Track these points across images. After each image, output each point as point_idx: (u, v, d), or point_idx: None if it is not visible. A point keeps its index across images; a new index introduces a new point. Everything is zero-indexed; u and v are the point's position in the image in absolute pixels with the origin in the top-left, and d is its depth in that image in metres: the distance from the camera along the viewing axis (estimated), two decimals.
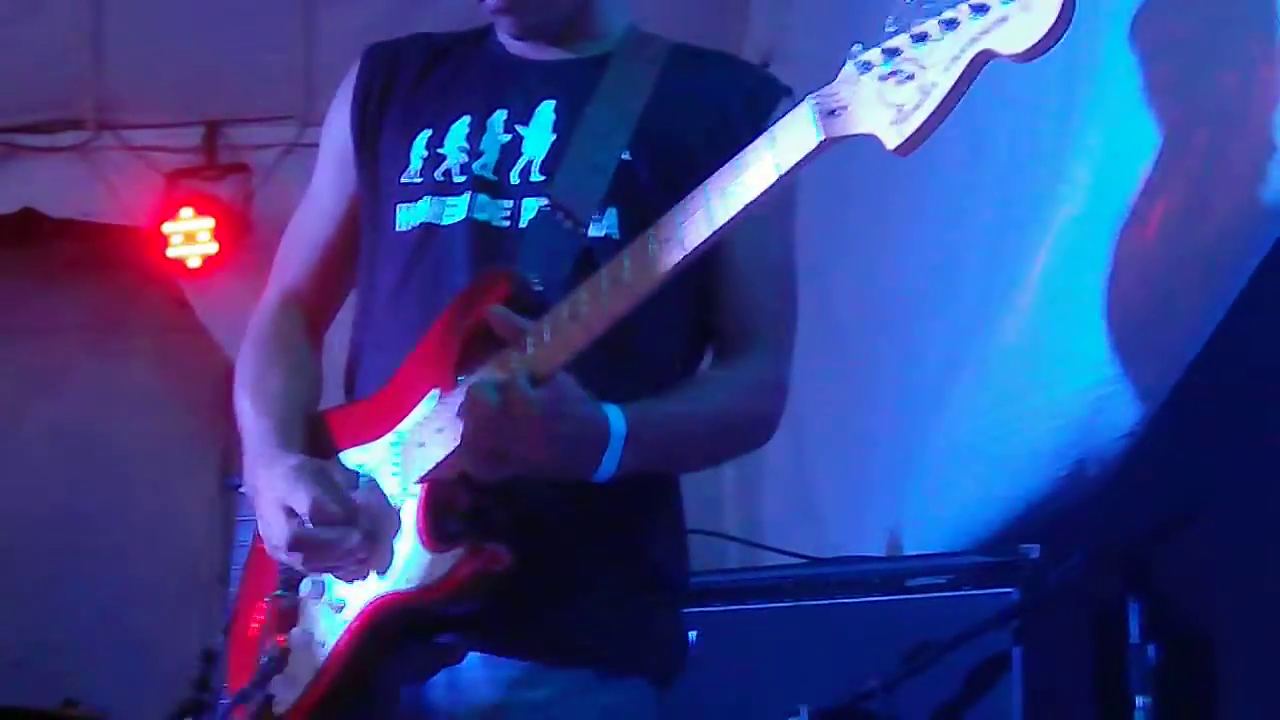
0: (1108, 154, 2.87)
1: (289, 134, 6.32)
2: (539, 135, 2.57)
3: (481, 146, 2.57)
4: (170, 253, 6.49)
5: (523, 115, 2.59)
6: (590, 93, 2.57)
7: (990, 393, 3.43)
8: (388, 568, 2.41)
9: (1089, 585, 3.21)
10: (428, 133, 2.62)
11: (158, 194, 6.49)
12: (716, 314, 2.61)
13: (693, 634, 2.64)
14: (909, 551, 3.92)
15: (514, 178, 2.55)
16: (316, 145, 6.56)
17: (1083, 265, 2.95)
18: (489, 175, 2.56)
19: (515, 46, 2.67)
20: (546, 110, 2.58)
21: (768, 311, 2.63)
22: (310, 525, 2.41)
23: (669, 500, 2.61)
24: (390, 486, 2.45)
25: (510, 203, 2.53)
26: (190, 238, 6.46)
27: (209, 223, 6.44)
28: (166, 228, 6.47)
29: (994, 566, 3.32)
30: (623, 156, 2.52)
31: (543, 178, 2.54)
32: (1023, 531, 3.39)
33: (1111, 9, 2.81)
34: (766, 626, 3.50)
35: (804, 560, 3.76)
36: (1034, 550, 3.31)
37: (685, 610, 2.63)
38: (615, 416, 2.35)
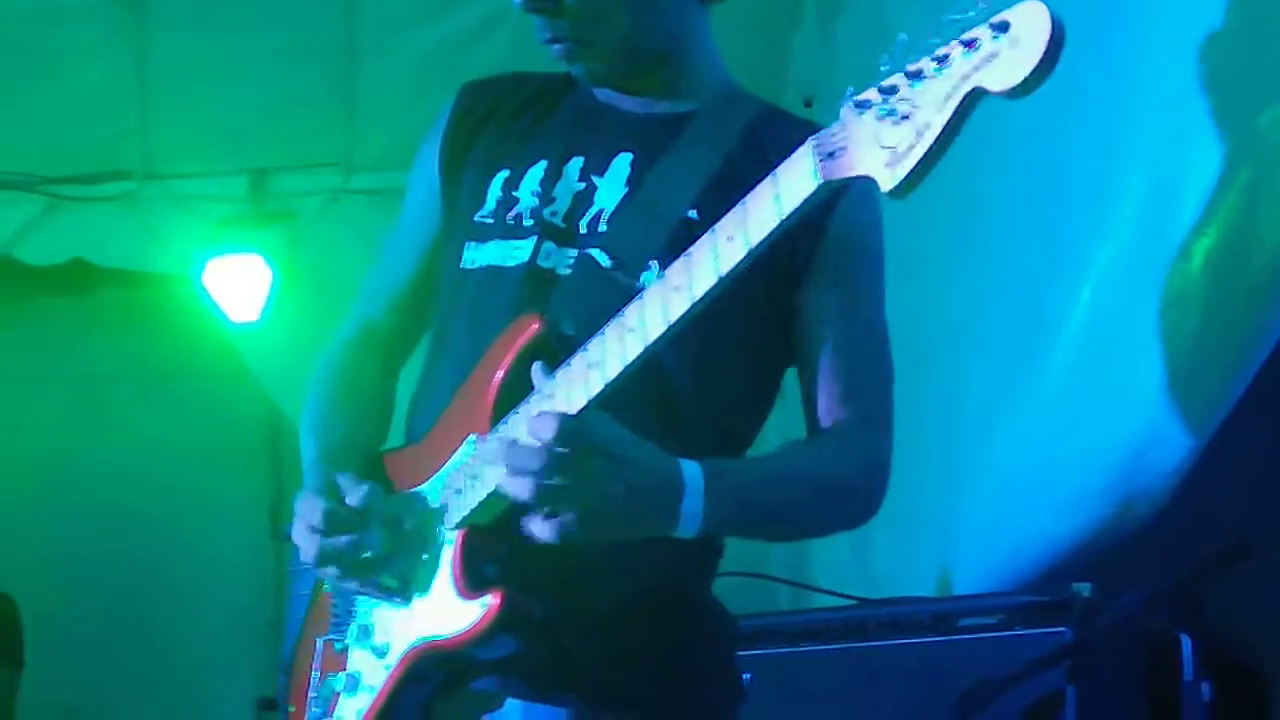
0: (1151, 190, 2.87)
1: (334, 181, 6.35)
2: (613, 187, 2.52)
3: (555, 193, 2.54)
4: (218, 300, 6.51)
5: (599, 165, 2.55)
6: (668, 149, 2.53)
7: (1037, 431, 3.43)
8: (426, 608, 2.40)
9: (1141, 623, 3.19)
10: (505, 173, 2.59)
11: (205, 242, 6.53)
12: (819, 385, 2.52)
13: (745, 676, 2.63)
14: (959, 591, 3.90)
15: (583, 227, 2.51)
16: (361, 192, 6.54)
17: (1128, 302, 2.95)
18: (558, 222, 2.52)
19: (603, 94, 2.62)
20: (623, 163, 2.54)
21: (873, 386, 2.57)
22: (328, 537, 2.40)
23: (712, 552, 2.57)
24: (431, 531, 2.44)
25: (575, 251, 2.49)
26: (237, 285, 6.47)
27: (256, 270, 6.46)
28: (213, 276, 6.49)
29: (1045, 606, 3.30)
30: (687, 214, 2.46)
31: (608, 229, 2.50)
32: (1073, 570, 3.37)
33: (1153, 47, 2.82)
34: (818, 669, 3.48)
35: (854, 601, 3.75)
36: (1085, 589, 3.28)
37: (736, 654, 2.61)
38: (686, 463, 2.29)
